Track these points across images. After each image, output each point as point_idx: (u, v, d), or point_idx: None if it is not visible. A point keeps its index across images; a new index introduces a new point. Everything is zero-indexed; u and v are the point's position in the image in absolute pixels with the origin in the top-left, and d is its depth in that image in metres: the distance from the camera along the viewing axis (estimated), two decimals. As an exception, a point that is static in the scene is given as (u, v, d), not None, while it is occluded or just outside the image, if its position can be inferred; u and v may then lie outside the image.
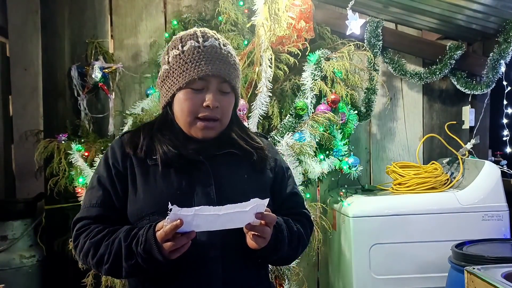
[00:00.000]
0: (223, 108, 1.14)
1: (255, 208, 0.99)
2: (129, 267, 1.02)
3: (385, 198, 2.43)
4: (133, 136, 1.19)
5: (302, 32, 2.44)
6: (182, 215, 0.93)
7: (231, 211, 0.95)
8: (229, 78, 1.14)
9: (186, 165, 1.12)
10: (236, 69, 1.18)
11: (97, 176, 1.16)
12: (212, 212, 0.94)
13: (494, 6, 2.47)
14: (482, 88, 2.74)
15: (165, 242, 0.97)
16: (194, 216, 0.94)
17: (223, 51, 1.14)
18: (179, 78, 1.12)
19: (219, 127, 1.17)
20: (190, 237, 0.98)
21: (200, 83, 1.11)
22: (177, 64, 1.13)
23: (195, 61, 1.11)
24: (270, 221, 1.03)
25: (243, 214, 0.98)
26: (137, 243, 1.01)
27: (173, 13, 2.84)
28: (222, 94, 1.14)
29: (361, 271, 2.25)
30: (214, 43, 1.14)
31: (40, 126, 2.72)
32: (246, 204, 0.97)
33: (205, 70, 1.10)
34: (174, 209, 0.91)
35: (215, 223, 0.98)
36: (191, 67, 1.11)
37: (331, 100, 2.37)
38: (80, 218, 1.13)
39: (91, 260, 1.07)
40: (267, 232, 1.04)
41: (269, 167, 1.23)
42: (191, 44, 1.13)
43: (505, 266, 1.38)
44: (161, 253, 0.98)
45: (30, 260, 2.50)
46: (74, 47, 2.72)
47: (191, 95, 1.12)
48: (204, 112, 1.12)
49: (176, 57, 1.14)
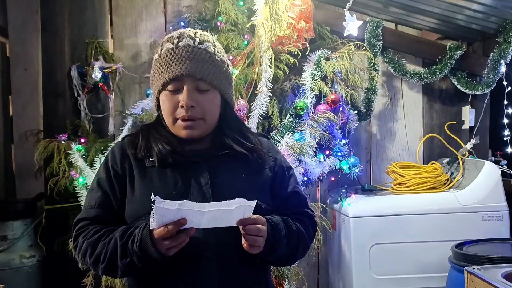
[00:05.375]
0: (203, 107, 1.13)
1: (242, 209, 1.00)
2: (124, 266, 1.04)
3: (385, 198, 2.43)
4: (132, 138, 1.21)
5: (302, 32, 2.44)
6: (166, 208, 0.93)
7: (216, 209, 0.96)
8: (202, 76, 1.12)
9: (182, 165, 1.13)
10: (215, 65, 1.15)
11: (97, 178, 1.19)
12: (196, 208, 0.95)
13: (494, 6, 2.47)
14: (482, 88, 2.74)
15: (163, 240, 0.98)
16: (178, 211, 0.94)
17: (197, 49, 1.13)
18: (158, 81, 1.15)
19: (204, 126, 1.16)
20: (188, 234, 0.99)
21: (174, 84, 1.12)
22: (156, 68, 1.16)
23: (167, 63, 1.12)
24: (258, 232, 1.05)
25: (230, 213, 0.99)
26: (132, 241, 1.02)
27: (173, 13, 2.84)
28: (200, 93, 1.13)
29: (361, 271, 2.25)
30: (188, 42, 1.13)
31: (40, 126, 2.72)
32: (231, 203, 0.97)
33: (175, 71, 1.11)
34: (157, 200, 0.92)
35: (201, 220, 0.98)
36: (164, 69, 1.12)
37: (331, 100, 2.37)
38: (80, 219, 1.16)
39: (89, 259, 1.09)
40: (260, 241, 1.05)
41: (268, 166, 1.23)
42: (166, 46, 1.15)
43: (505, 266, 1.38)
44: (157, 251, 0.99)
45: (30, 260, 2.50)
46: (74, 47, 2.72)
47: (168, 96, 1.14)
48: (182, 113, 1.13)
49: (155, 61, 1.17)
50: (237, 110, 2.25)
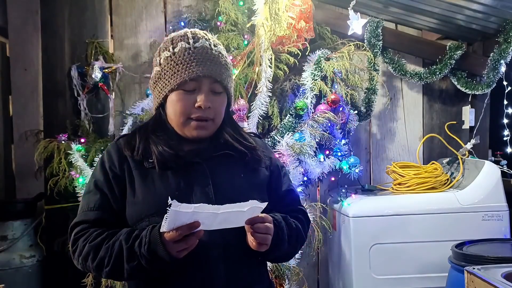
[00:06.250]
0: (215, 108, 1.15)
1: (252, 210, 1.00)
2: (131, 269, 1.02)
3: (385, 198, 2.43)
4: (129, 139, 1.19)
5: (302, 32, 2.44)
6: (181, 212, 0.93)
7: (229, 210, 0.96)
8: (220, 78, 1.14)
9: (183, 166, 1.13)
10: (228, 69, 1.18)
11: (94, 180, 1.16)
12: (211, 210, 0.95)
13: (494, 6, 2.47)
14: (482, 88, 2.74)
15: (174, 243, 0.97)
16: (193, 214, 0.94)
17: (214, 52, 1.15)
18: (171, 79, 1.13)
19: (212, 127, 1.18)
20: (198, 236, 0.99)
21: (191, 84, 1.12)
22: (168, 66, 1.14)
23: (186, 62, 1.12)
24: (267, 230, 1.06)
25: (240, 214, 1.00)
26: (140, 244, 1.01)
27: (173, 13, 2.84)
28: (214, 94, 1.15)
29: (361, 271, 2.25)
30: (204, 44, 1.14)
31: (40, 126, 2.72)
32: (244, 204, 0.98)
33: (196, 71, 1.11)
34: (173, 204, 0.91)
35: (213, 223, 0.98)
36: (182, 68, 1.11)
37: (331, 100, 2.37)
38: (78, 222, 1.13)
39: (91, 263, 1.06)
40: (269, 240, 1.07)
41: (265, 165, 1.24)
42: (181, 45, 1.14)
43: (505, 266, 1.38)
44: (168, 253, 0.98)
45: (30, 260, 2.50)
46: (74, 47, 2.71)
47: (183, 96, 1.13)
48: (197, 113, 1.13)
49: (167, 59, 1.15)
50: (237, 110, 2.26)
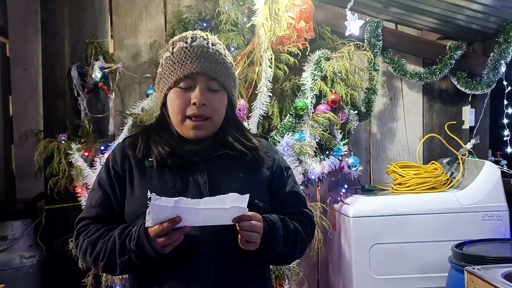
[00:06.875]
0: (212, 106, 1.16)
1: (237, 209, 1.01)
2: (123, 263, 1.06)
3: (385, 198, 2.43)
4: (132, 139, 1.23)
5: (302, 32, 2.44)
6: (163, 206, 0.95)
7: (211, 206, 0.98)
8: (216, 76, 1.16)
9: (181, 165, 1.15)
10: (226, 67, 1.20)
11: (98, 179, 1.22)
12: (191, 205, 0.97)
13: (494, 6, 2.47)
14: (482, 88, 2.74)
15: (158, 238, 1.00)
16: (174, 208, 0.96)
17: (211, 50, 1.17)
18: (169, 78, 1.16)
19: (211, 126, 1.18)
20: (183, 231, 1.01)
21: (187, 82, 1.15)
22: (167, 65, 1.18)
23: (182, 60, 1.15)
24: (252, 228, 1.06)
25: (224, 212, 1.01)
26: (130, 239, 1.04)
27: (173, 13, 2.83)
28: (211, 92, 1.17)
29: (361, 271, 2.25)
30: (201, 43, 1.17)
31: (40, 126, 2.72)
32: (225, 197, 0.99)
33: (189, 68, 1.13)
34: (153, 197, 0.94)
35: (197, 218, 1.00)
36: (178, 66, 1.15)
37: (331, 100, 2.37)
38: (81, 218, 1.19)
39: (89, 257, 1.11)
40: (255, 237, 1.07)
41: (266, 166, 1.24)
42: (179, 45, 1.17)
43: (505, 266, 1.39)
44: (153, 248, 1.01)
45: (30, 260, 2.50)
46: (74, 47, 2.72)
47: (179, 93, 1.16)
48: (193, 110, 1.14)
49: (166, 59, 1.19)
50: (237, 110, 2.25)
